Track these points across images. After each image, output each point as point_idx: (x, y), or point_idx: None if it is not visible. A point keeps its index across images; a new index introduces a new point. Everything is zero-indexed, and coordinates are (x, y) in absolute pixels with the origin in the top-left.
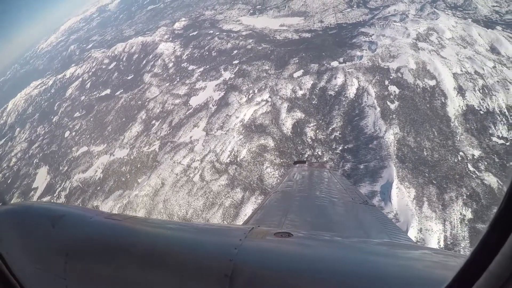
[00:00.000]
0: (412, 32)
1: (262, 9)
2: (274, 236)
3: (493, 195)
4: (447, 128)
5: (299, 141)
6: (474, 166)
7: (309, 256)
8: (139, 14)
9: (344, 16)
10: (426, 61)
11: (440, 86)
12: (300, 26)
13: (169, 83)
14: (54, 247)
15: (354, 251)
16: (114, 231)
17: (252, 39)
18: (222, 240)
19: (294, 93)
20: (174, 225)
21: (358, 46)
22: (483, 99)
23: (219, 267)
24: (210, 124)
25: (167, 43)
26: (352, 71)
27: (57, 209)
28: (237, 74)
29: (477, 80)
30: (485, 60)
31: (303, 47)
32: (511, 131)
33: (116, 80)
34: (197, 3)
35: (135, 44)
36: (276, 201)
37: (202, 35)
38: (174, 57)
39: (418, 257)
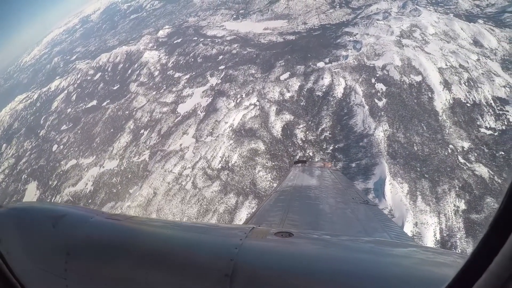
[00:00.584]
0: (396, 30)
1: (245, 14)
2: (275, 235)
3: (485, 185)
4: (435, 122)
5: (290, 143)
6: (464, 158)
7: (310, 255)
8: (122, 24)
9: (327, 17)
10: (411, 58)
11: (426, 81)
12: (284, 28)
13: (155, 92)
14: (54, 247)
15: (354, 251)
16: (114, 231)
17: (237, 44)
18: (222, 239)
19: (282, 96)
20: (174, 225)
21: (343, 46)
22: (469, 92)
23: (219, 266)
24: (199, 130)
25: (152, 52)
26: (339, 71)
27: (57, 209)
28: (224, 79)
29: (462, 73)
30: (469, 54)
31: (288, 49)
32: (498, 122)
33: (102, 91)
34: (180, 10)
35: (120, 54)
36: (276, 201)
37: (187, 42)
38: (160, 65)
39: (419, 257)
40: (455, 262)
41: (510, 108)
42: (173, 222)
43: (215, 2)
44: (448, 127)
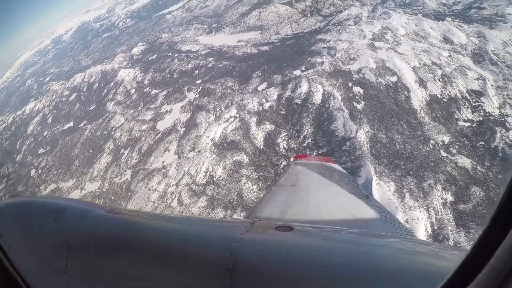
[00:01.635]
0: (368, 33)
1: (218, 27)
2: (275, 229)
3: (469, 176)
4: (414, 120)
5: (273, 153)
6: (446, 152)
7: (310, 249)
8: (95, 43)
9: (299, 25)
10: (385, 59)
11: (401, 81)
12: (258, 40)
13: (133, 110)
14: (55, 241)
15: (355, 245)
16: (115, 225)
17: (212, 58)
18: (223, 233)
19: (261, 106)
20: (175, 219)
21: (318, 53)
22: (444, 88)
23: (220, 260)
24: (181, 146)
25: (127, 70)
26: (315, 77)
27: (58, 203)
28: (202, 94)
29: (436, 70)
30: (440, 51)
31: (263, 60)
32: (475, 113)
33: (79, 111)
34: (152, 27)
35: (94, 73)
36: (277, 195)
37: (162, 58)
38: (136, 83)
39: (419, 251)
40: (455, 256)
41: (485, 99)
42: (174, 216)
43: (187, 17)
44: (427, 123)
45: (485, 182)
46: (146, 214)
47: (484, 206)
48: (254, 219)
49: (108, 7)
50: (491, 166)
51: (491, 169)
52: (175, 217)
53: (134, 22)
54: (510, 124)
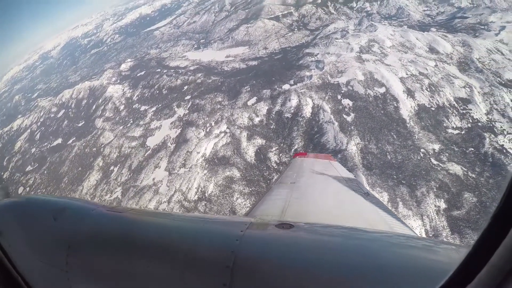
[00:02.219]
0: (355, 46)
1: (206, 43)
2: (276, 227)
3: (461, 182)
4: (404, 130)
5: (265, 167)
6: (437, 159)
7: (311, 247)
8: (83, 59)
9: (286, 40)
10: (373, 71)
11: (390, 91)
12: (246, 55)
13: (122, 126)
14: (56, 240)
15: (355, 242)
16: (115, 223)
17: (200, 73)
18: (223, 231)
19: (251, 121)
20: (175, 216)
21: (306, 67)
22: (432, 97)
23: (220, 258)
24: (171, 163)
25: (116, 86)
26: (305, 91)
27: (58, 201)
28: (191, 109)
29: (423, 80)
30: (427, 61)
31: (252, 74)
32: (463, 120)
33: (67, 128)
34: (140, 43)
35: (83, 90)
36: (277, 193)
37: (150, 74)
38: (125, 99)
39: (420, 249)
40: (456, 254)
41: (472, 106)
42: (174, 214)
43: (175, 33)
44: (417, 133)
45: (476, 187)
46: (147, 212)
47: (477, 211)
48: (254, 216)
49: (96, 23)
50: (481, 172)
51: (482, 174)
52: (175, 215)
53: (122, 38)
54: (498, 130)
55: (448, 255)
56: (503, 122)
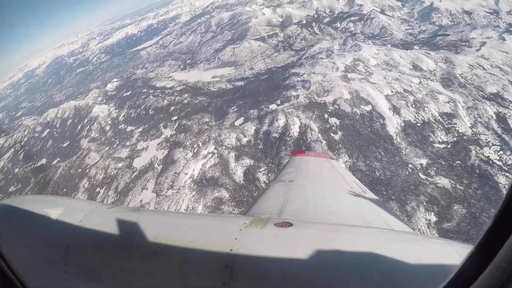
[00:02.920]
0: (340, 65)
1: (192, 63)
2: (274, 225)
3: (449, 195)
4: (391, 146)
5: (253, 188)
6: (425, 174)
7: (309, 245)
8: (68, 78)
9: (272, 60)
10: (359, 89)
11: (376, 109)
12: (232, 75)
13: (108, 147)
14: (54, 240)
15: (354, 240)
16: (114, 223)
17: (187, 94)
18: (222, 230)
19: (239, 141)
20: (174, 215)
21: (292, 87)
22: (417, 113)
23: (219, 257)
24: (159, 184)
25: (101, 106)
26: (292, 110)
27: (56, 201)
28: (178, 130)
29: (408, 97)
30: (411, 78)
31: (239, 95)
32: (449, 134)
33: (51, 148)
34: (126, 63)
35: (68, 109)
36: (275, 191)
37: (136, 94)
38: (111, 120)
39: (420, 248)
40: (456, 252)
41: (457, 120)
42: (173, 213)
43: (161, 53)
44: (404, 148)
45: (465, 199)
46: (146, 211)
47: (467, 222)
48: (253, 215)
49: (82, 42)
50: (469, 184)
51: (470, 186)
52: (174, 214)
53: (108, 57)
54: (483, 142)
55: (448, 254)
56: (487, 135)
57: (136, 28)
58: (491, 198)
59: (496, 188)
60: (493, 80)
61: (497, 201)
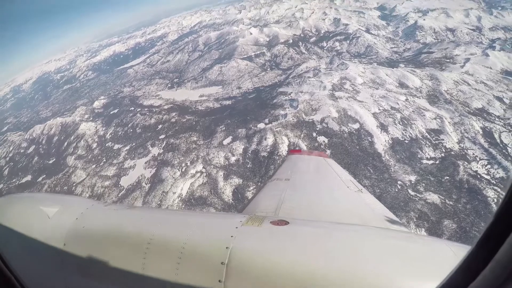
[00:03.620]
0: (328, 84)
1: (179, 82)
2: (270, 223)
3: (439, 210)
4: (380, 164)
5: (242, 207)
6: (414, 190)
7: (305, 243)
8: (55, 94)
9: (260, 79)
10: (346, 108)
11: (364, 127)
12: (220, 94)
13: (95, 165)
14: (51, 238)
15: (350, 239)
16: (111, 220)
17: (175, 112)
18: (218, 227)
19: (228, 160)
20: (171, 213)
21: (280, 106)
22: (405, 130)
23: (215, 254)
24: (146, 203)
25: (88, 123)
26: (280, 129)
27: (53, 199)
28: (166, 149)
29: (395, 114)
30: (397, 96)
31: (227, 114)
32: (437, 151)
33: (37, 165)
34: (114, 80)
35: (54, 126)
36: (272, 189)
37: (124, 112)
38: (97, 137)
39: (417, 246)
40: (452, 251)
41: (444, 136)
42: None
43: (148, 72)
44: (393, 165)
45: (455, 214)
46: (142, 209)
47: (458, 237)
48: (249, 213)
49: (70, 58)
50: (459, 198)
51: (459, 201)
52: (171, 212)
53: (96, 75)
54: (471, 157)
55: (443, 252)
56: (475, 149)
57: (123, 46)
58: (480, 212)
59: (485, 202)
60: (478, 95)
61: (486, 215)
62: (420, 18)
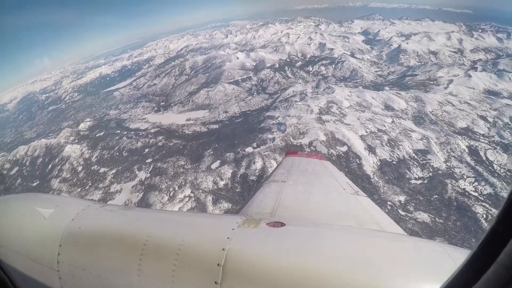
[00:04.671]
0: (315, 108)
1: (166, 106)
2: (266, 225)
3: (430, 228)
4: (369, 185)
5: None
6: (404, 210)
7: (301, 245)
8: (40, 115)
9: (246, 103)
10: (334, 131)
11: (352, 149)
12: (207, 118)
13: (80, 189)
14: (46, 239)
15: (346, 241)
16: (107, 221)
17: (161, 136)
18: (214, 229)
19: (216, 185)
20: (167, 214)
21: (268, 129)
22: (392, 151)
23: (211, 255)
24: None
25: (74, 145)
26: (268, 153)
27: (49, 199)
28: (153, 173)
29: (382, 136)
30: (384, 118)
31: (214, 138)
32: (424, 170)
33: (20, 187)
34: (99, 103)
35: (39, 147)
36: (268, 191)
37: (110, 135)
38: (83, 160)
39: (413, 247)
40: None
41: (431, 156)
42: (166, 211)
43: (135, 95)
44: (382, 186)
45: (446, 231)
46: (138, 210)
47: None
48: (245, 214)
49: (55, 79)
50: (448, 216)
51: (449, 218)
52: (167, 213)
53: (81, 97)
54: (458, 175)
55: (440, 255)
56: (461, 168)
57: (110, 69)
58: (470, 228)
59: (474, 218)
60: (463, 115)
61: (477, 231)
62: (403, 42)
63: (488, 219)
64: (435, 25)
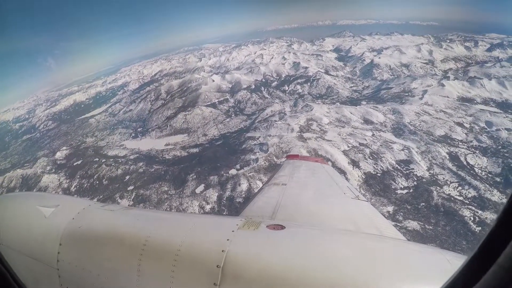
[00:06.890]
0: (295, 126)
1: (143, 131)
2: (266, 228)
3: (421, 235)
4: None
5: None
6: (393, 220)
7: (301, 248)
8: (14, 145)
9: (225, 126)
10: (316, 148)
11: (336, 165)
12: (186, 142)
13: None
14: (47, 237)
15: (345, 245)
16: (107, 221)
17: (141, 162)
18: (214, 230)
19: (202, 209)
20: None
21: (250, 150)
22: (375, 164)
23: (211, 257)
24: None
25: (51, 175)
26: (253, 174)
27: (50, 198)
28: (136, 200)
29: (364, 150)
30: (364, 132)
31: (195, 162)
32: (409, 180)
33: None
34: (75, 130)
35: (15, 178)
36: (268, 194)
37: (88, 163)
38: (62, 190)
39: (411, 252)
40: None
41: (414, 165)
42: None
43: (111, 121)
44: (369, 199)
45: (436, 237)
46: (138, 210)
47: None
48: (245, 217)
49: (28, 107)
50: (437, 222)
51: (438, 224)
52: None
53: (56, 125)
54: (442, 181)
55: (439, 261)
56: (444, 174)
57: (84, 96)
58: (460, 231)
59: (462, 221)
60: (440, 123)
61: (466, 233)
62: (375, 57)
63: (475, 221)
64: (404, 38)
